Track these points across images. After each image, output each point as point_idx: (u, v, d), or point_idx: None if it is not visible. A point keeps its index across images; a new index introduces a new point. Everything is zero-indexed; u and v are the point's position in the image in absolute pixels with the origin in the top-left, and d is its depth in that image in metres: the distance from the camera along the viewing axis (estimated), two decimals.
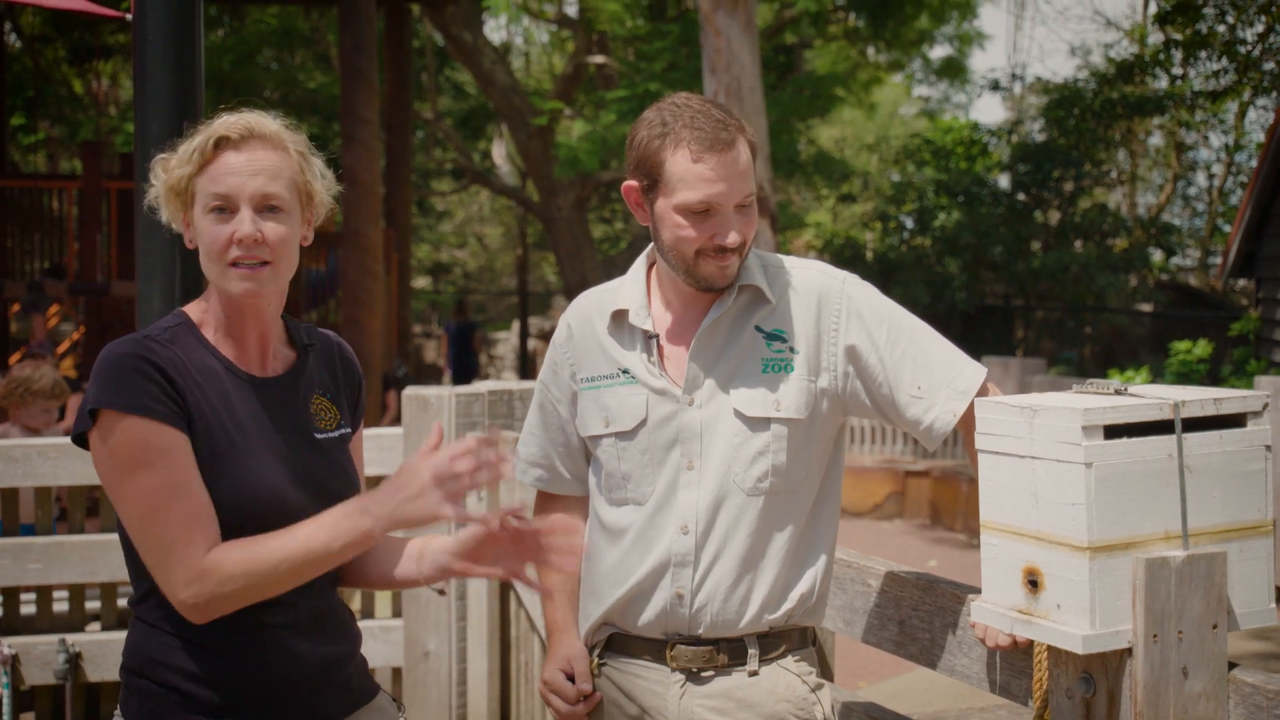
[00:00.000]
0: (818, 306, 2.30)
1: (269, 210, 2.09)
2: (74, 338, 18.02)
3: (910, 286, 18.01)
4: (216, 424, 2.06)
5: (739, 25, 11.02)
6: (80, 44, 21.68)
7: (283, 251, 2.10)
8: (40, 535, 4.45)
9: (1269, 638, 6.88)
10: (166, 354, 2.06)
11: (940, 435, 2.24)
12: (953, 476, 12.61)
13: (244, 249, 2.06)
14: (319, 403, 2.23)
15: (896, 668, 6.96)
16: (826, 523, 2.35)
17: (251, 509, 2.04)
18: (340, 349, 2.33)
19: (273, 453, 2.10)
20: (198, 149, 2.09)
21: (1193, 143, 25.79)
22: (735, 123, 2.24)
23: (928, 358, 2.27)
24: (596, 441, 2.38)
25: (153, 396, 2.01)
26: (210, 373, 2.10)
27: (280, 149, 2.12)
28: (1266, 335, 12.30)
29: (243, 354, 2.16)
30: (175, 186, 2.11)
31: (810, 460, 2.30)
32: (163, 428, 2.01)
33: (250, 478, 2.06)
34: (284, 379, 2.19)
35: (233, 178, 2.06)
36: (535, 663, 4.16)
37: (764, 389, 2.27)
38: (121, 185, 14.07)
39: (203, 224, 2.08)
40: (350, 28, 13.48)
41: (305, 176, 2.16)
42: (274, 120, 2.16)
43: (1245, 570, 1.88)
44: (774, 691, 2.28)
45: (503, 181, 25.57)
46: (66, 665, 4.33)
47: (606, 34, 20.00)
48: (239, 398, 2.11)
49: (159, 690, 2.08)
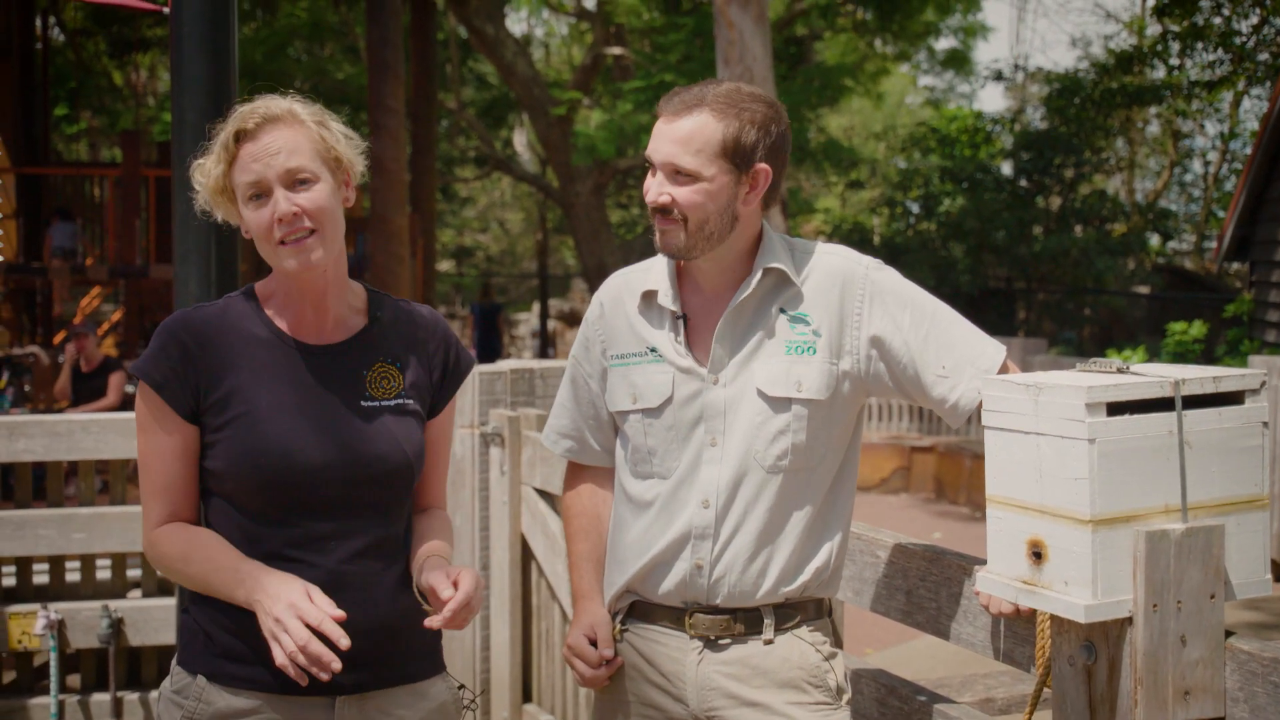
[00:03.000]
0: (841, 291, 2.31)
1: (300, 184, 2.12)
2: (114, 318, 18.57)
3: (916, 270, 18.11)
4: (241, 388, 2.13)
5: (751, 18, 11.27)
6: (120, 37, 22.00)
7: (324, 217, 2.12)
8: (84, 506, 4.53)
9: (1263, 608, 6.98)
10: (203, 323, 2.17)
11: (966, 412, 2.27)
12: (957, 452, 12.65)
13: (286, 226, 2.10)
14: (380, 369, 2.23)
15: (902, 635, 7.05)
16: (843, 500, 2.37)
17: (263, 466, 2.10)
18: (434, 328, 2.33)
19: (304, 415, 2.14)
20: (222, 146, 2.14)
21: (1189, 131, 26.02)
22: (715, 103, 2.26)
23: (950, 339, 2.29)
24: (624, 417, 2.40)
25: (163, 372, 2.12)
26: (256, 340, 2.17)
27: (295, 124, 2.14)
28: (1260, 316, 12.45)
29: (299, 324, 2.20)
30: (216, 187, 2.16)
31: (830, 440, 2.32)
32: (160, 403, 2.13)
33: (262, 438, 2.11)
34: (341, 346, 2.21)
35: (256, 164, 2.11)
36: (556, 630, 4.25)
37: (786, 370, 2.29)
38: (159, 173, 14.43)
39: (246, 214, 2.14)
40: (378, 21, 13.81)
41: (327, 143, 2.17)
42: (285, 99, 2.19)
43: (1242, 542, 1.89)
44: (788, 660, 2.31)
45: (523, 168, 25.77)
46: (109, 630, 4.42)
47: (624, 26, 20.29)
48: (285, 364, 2.17)
49: (194, 627, 2.18)
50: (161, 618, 4.47)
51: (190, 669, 2.16)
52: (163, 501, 2.17)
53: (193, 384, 2.13)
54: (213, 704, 2.12)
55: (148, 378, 2.12)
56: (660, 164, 2.27)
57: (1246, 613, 6.86)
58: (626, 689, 2.41)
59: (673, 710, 2.35)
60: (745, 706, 2.29)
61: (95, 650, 4.56)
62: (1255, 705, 1.77)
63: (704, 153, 2.24)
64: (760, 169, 2.29)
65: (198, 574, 2.12)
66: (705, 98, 2.26)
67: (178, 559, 2.14)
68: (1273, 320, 12.12)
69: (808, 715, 2.29)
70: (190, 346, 2.13)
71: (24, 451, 4.39)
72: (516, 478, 4.47)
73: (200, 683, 2.13)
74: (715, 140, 2.24)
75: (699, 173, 2.24)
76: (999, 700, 3.92)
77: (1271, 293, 12.22)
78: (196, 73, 3.23)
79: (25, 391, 11.60)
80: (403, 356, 2.26)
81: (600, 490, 2.54)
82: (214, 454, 2.14)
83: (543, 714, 4.38)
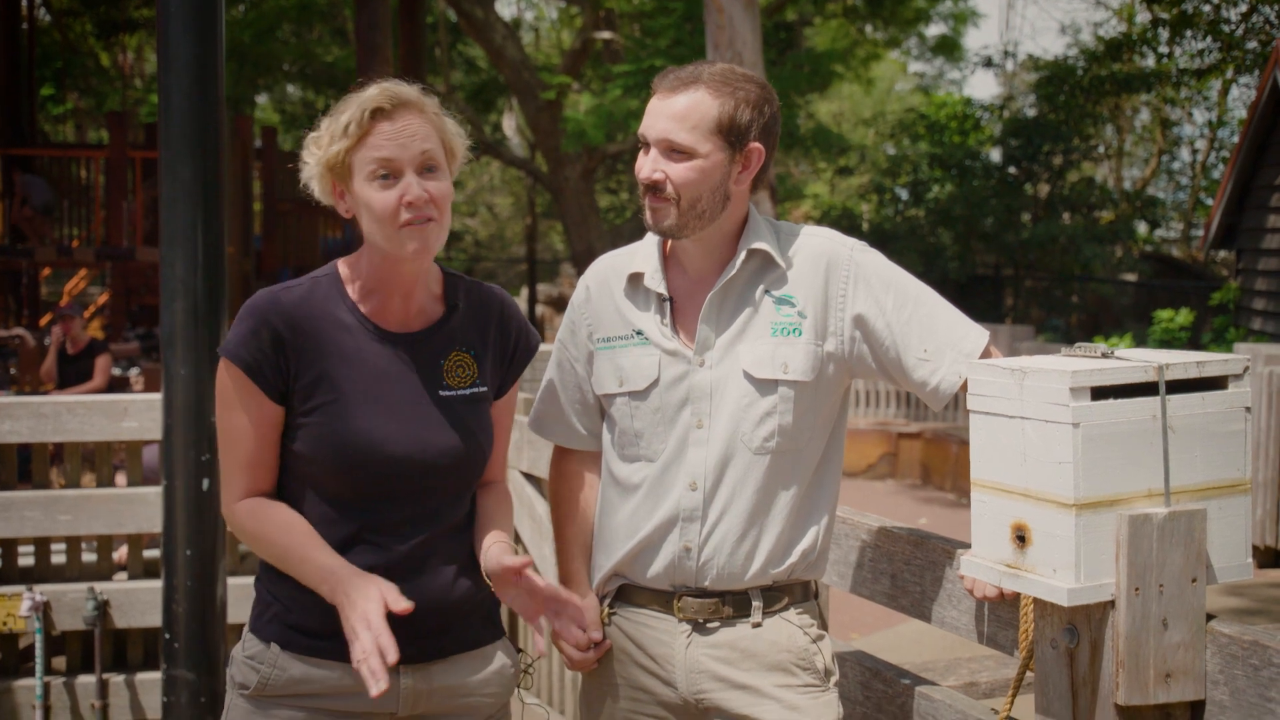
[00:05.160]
0: (826, 272, 2.32)
1: (428, 170, 2.15)
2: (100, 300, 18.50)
3: (904, 256, 18.19)
4: (329, 375, 2.16)
5: (741, 3, 11.28)
6: (107, 18, 21.85)
7: (444, 207, 2.16)
8: (69, 488, 4.51)
9: (1245, 593, 7.01)
10: (294, 306, 2.18)
11: (946, 396, 2.28)
12: (943, 438, 12.79)
13: (414, 210, 2.12)
14: (456, 358, 2.26)
15: (888, 620, 7.07)
16: (829, 481, 2.38)
17: (349, 454, 2.14)
18: (503, 310, 2.35)
19: (387, 405, 2.17)
20: (353, 122, 2.13)
21: (1177, 119, 26.09)
22: (711, 81, 2.26)
23: (933, 322, 2.30)
24: (611, 400, 2.40)
25: (254, 355, 2.14)
26: (342, 326, 2.19)
27: (424, 112, 2.17)
28: (1245, 304, 12.55)
29: (384, 310, 2.22)
30: (331, 162, 2.16)
31: (815, 422, 2.33)
32: (248, 382, 2.15)
33: (349, 427, 2.14)
34: (421, 334, 2.24)
35: (392, 144, 2.12)
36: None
37: (772, 352, 2.29)
38: (146, 154, 14.36)
39: (367, 192, 2.13)
40: (366, 4, 13.78)
41: (448, 135, 2.21)
42: (411, 86, 2.19)
43: (1224, 527, 1.90)
44: (776, 642, 2.31)
45: (513, 153, 25.64)
46: (95, 612, 4.40)
47: (613, 11, 20.22)
48: (370, 351, 2.19)
49: (267, 597, 2.23)
50: (148, 600, 4.46)
51: (263, 636, 2.21)
52: (246, 476, 2.20)
53: (283, 368, 2.16)
54: (287, 670, 2.18)
55: (239, 360, 2.14)
56: (655, 140, 2.27)
57: (1228, 598, 6.90)
58: (615, 672, 2.41)
59: (661, 693, 2.36)
60: (734, 689, 2.30)
61: (81, 632, 4.55)
62: (1235, 688, 1.78)
63: (699, 129, 2.24)
64: (754, 148, 2.30)
65: (281, 556, 2.16)
66: (701, 75, 2.27)
67: (263, 538, 2.18)
68: (1258, 308, 12.21)
69: (796, 698, 2.30)
70: (282, 330, 2.15)
71: (9, 433, 4.39)
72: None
73: (274, 650, 2.19)
74: (711, 117, 2.25)
75: (694, 149, 2.25)
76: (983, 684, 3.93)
77: (1258, 280, 12.30)
78: (184, 54, 3.21)
79: (10, 374, 11.58)
80: (477, 344, 2.30)
81: (587, 474, 2.53)
82: (300, 437, 2.17)
83: (529, 697, 4.39)
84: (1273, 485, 7.53)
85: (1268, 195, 12.07)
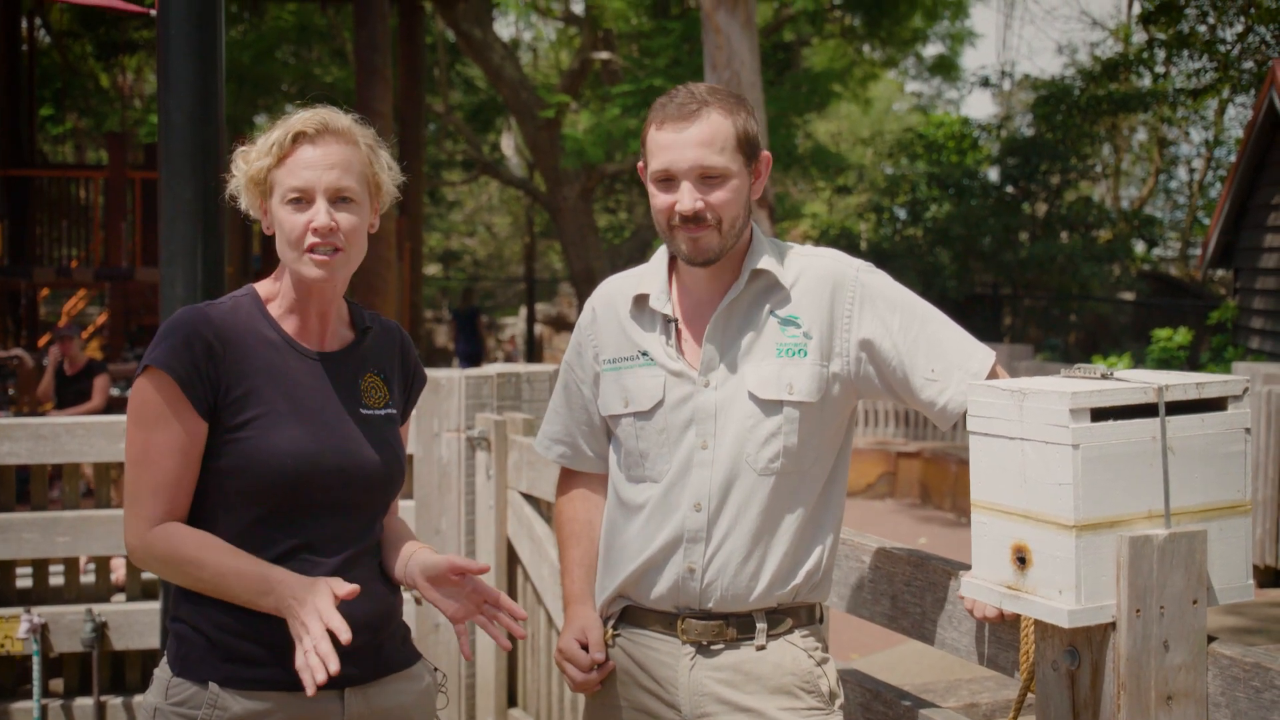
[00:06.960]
0: (832, 293, 2.32)
1: (341, 201, 2.17)
2: (99, 321, 18.54)
3: (903, 276, 17.76)
4: (258, 389, 2.16)
5: (739, 23, 11.38)
6: (106, 39, 21.89)
7: (354, 239, 2.20)
8: (68, 510, 4.50)
9: (1245, 613, 7.01)
10: (222, 322, 2.18)
11: (955, 416, 2.27)
12: (942, 458, 12.82)
13: (319, 237, 2.15)
14: (370, 380, 2.30)
15: (888, 641, 7.01)
16: (834, 503, 2.37)
17: (282, 468, 2.13)
18: (403, 339, 2.41)
19: (315, 421, 2.18)
20: (276, 143, 2.17)
21: (1174, 138, 26.17)
22: (716, 101, 2.28)
23: (940, 342, 2.30)
24: (616, 421, 2.40)
25: (186, 366, 2.11)
26: (267, 342, 2.20)
27: (352, 143, 2.20)
28: (1244, 323, 12.55)
29: (304, 330, 2.25)
30: (255, 178, 2.20)
31: (821, 443, 2.32)
32: (178, 395, 2.11)
33: (282, 440, 2.14)
34: (339, 355, 2.27)
35: (309, 171, 2.15)
36: (541, 635, 4.23)
37: (777, 372, 2.29)
38: (146, 175, 14.37)
39: (280, 213, 2.18)
40: (365, 25, 13.79)
41: (374, 169, 2.23)
42: (346, 116, 2.22)
43: (1224, 548, 1.90)
44: (781, 665, 2.30)
45: (511, 172, 25.79)
46: (93, 634, 4.39)
47: (612, 31, 20.37)
48: (295, 368, 2.21)
49: (190, 634, 2.15)
50: (146, 622, 4.45)
51: (196, 678, 2.13)
52: (163, 500, 2.14)
53: (214, 381, 2.14)
54: (229, 709, 2.11)
55: (170, 370, 2.11)
56: (685, 171, 2.27)
57: (1229, 618, 6.89)
58: (618, 694, 2.40)
59: (665, 716, 2.34)
60: (738, 712, 2.29)
61: (79, 654, 4.53)
62: (1237, 710, 1.78)
63: (727, 150, 2.27)
64: (764, 156, 2.35)
65: (211, 578, 2.10)
66: (704, 98, 2.29)
67: (184, 562, 2.11)
68: (1257, 327, 12.23)
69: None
70: (213, 343, 2.14)
71: (8, 454, 4.37)
72: (503, 482, 4.47)
73: (213, 690, 2.11)
74: (731, 135, 2.28)
75: (728, 170, 2.27)
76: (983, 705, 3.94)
77: (1255, 299, 12.32)
78: (183, 75, 3.24)
79: (9, 395, 11.57)
80: (387, 369, 2.34)
81: (593, 496, 2.53)
82: (227, 453, 2.14)
83: (528, 719, 4.37)
84: (1272, 504, 7.55)
85: (1265, 214, 12.11)
